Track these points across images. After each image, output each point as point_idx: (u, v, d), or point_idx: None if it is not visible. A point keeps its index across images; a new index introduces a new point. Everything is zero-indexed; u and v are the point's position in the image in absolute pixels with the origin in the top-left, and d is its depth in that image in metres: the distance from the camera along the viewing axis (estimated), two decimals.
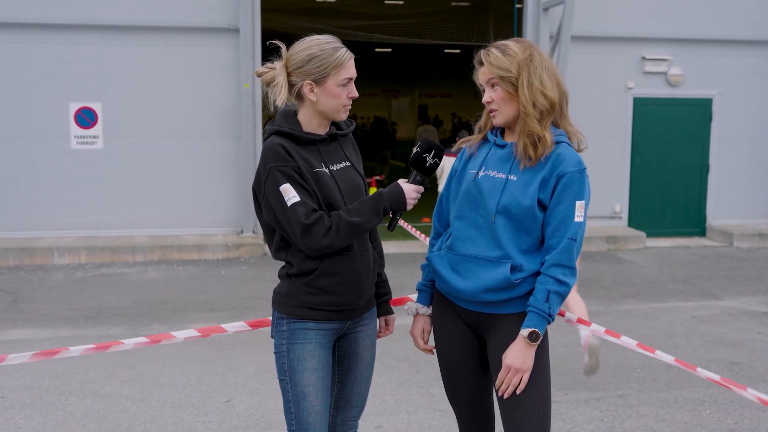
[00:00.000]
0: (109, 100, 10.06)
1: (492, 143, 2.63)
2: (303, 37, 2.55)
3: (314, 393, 2.52)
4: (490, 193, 2.52)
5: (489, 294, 2.50)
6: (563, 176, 2.45)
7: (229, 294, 7.74)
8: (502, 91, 2.52)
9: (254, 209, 2.61)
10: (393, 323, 2.89)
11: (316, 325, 2.53)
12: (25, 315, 6.89)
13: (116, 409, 4.61)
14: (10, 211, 9.94)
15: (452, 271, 2.58)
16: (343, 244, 2.45)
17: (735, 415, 4.56)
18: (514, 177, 2.50)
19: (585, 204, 2.48)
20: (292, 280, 2.54)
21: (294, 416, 2.53)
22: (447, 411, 4.56)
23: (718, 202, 11.68)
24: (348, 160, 2.63)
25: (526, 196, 2.47)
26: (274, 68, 2.53)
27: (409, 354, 5.63)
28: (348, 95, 2.52)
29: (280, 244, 2.56)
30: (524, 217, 2.47)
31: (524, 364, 2.45)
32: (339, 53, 2.48)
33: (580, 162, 2.49)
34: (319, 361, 2.53)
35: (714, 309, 7.25)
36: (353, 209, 2.47)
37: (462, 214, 2.60)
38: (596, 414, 4.56)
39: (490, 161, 2.58)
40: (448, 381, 2.75)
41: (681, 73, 11.30)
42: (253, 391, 4.91)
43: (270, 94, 2.55)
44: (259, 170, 2.49)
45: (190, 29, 10.12)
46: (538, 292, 2.45)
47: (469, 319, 2.62)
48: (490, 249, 2.51)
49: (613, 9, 11.07)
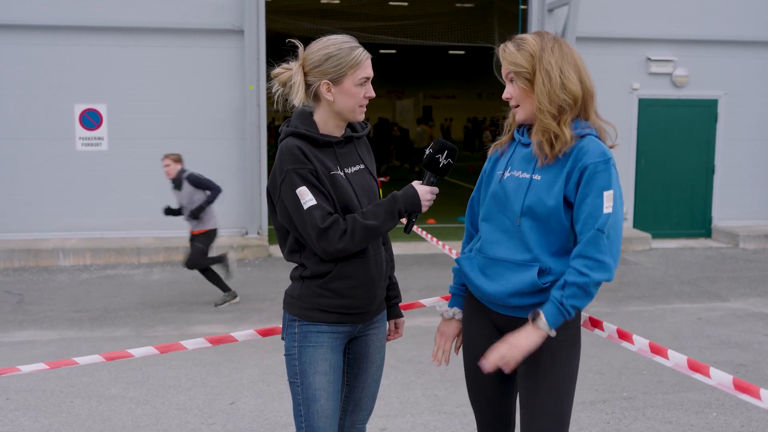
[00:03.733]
0: (113, 102, 10.08)
1: (517, 142, 2.56)
2: (319, 37, 2.53)
3: (325, 396, 2.51)
4: (514, 194, 2.45)
5: (516, 298, 2.43)
6: (586, 168, 2.33)
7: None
8: (518, 87, 2.46)
9: (268, 210, 2.59)
10: (402, 327, 2.87)
11: (328, 328, 2.51)
12: (30, 316, 6.90)
13: (121, 411, 4.61)
14: (15, 212, 9.97)
15: (481, 274, 2.53)
16: (358, 247, 2.44)
17: (742, 417, 4.54)
18: (538, 177, 2.41)
19: (615, 194, 2.33)
20: (305, 282, 2.52)
21: (304, 419, 2.53)
22: (452, 413, 4.55)
23: (724, 203, 11.64)
24: (362, 163, 2.62)
25: (550, 196, 2.38)
26: (290, 68, 2.52)
27: (414, 356, 5.61)
28: (365, 95, 2.51)
29: (294, 246, 2.54)
30: (550, 217, 2.38)
31: (519, 344, 2.33)
32: (356, 53, 2.47)
33: (605, 152, 2.36)
34: (330, 364, 2.52)
35: (720, 311, 7.22)
36: (368, 212, 2.45)
37: (489, 216, 2.55)
38: (602, 417, 4.54)
39: (515, 161, 2.52)
40: (472, 383, 2.68)
41: (686, 74, 11.27)
42: (258, 393, 4.90)
43: (275, 96, 2.54)
44: (274, 172, 2.47)
45: (194, 31, 10.14)
46: (558, 282, 2.36)
47: (499, 322, 2.56)
48: (518, 252, 2.44)
49: (618, 10, 11.05)
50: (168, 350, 3.04)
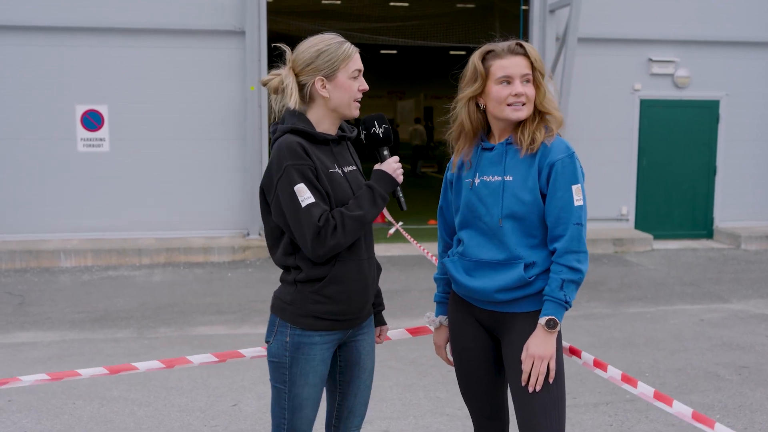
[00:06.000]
0: (115, 103, 10.07)
1: (479, 147, 2.62)
2: (306, 39, 2.55)
3: (310, 405, 2.54)
4: (491, 198, 2.53)
5: (502, 293, 2.51)
6: (554, 164, 2.46)
7: (235, 296, 7.73)
8: (532, 86, 2.53)
9: (260, 211, 2.55)
10: (386, 333, 2.89)
11: (320, 339, 2.50)
12: (31, 318, 6.89)
13: (123, 413, 4.60)
14: (16, 213, 9.96)
15: (466, 274, 2.60)
16: (349, 240, 2.42)
17: (745, 420, 4.53)
18: (510, 177, 2.51)
19: (581, 187, 2.49)
20: (299, 287, 2.49)
21: (287, 422, 2.55)
22: (454, 415, 4.54)
23: (726, 204, 11.63)
24: (354, 164, 2.63)
25: (525, 191, 2.48)
26: (279, 74, 2.52)
27: (415, 357, 5.61)
28: (359, 88, 2.52)
29: (289, 248, 2.50)
30: (530, 213, 2.48)
31: (547, 351, 2.46)
32: (345, 46, 2.50)
33: (568, 147, 2.51)
34: (320, 376, 2.53)
35: (722, 312, 7.21)
36: (352, 205, 2.45)
37: (467, 223, 2.61)
38: (605, 419, 4.53)
39: (483, 166, 2.58)
40: (463, 380, 2.75)
41: (688, 74, 11.26)
42: (260, 395, 4.90)
43: (274, 102, 2.53)
44: (270, 168, 2.43)
45: (196, 32, 10.13)
46: (553, 281, 2.46)
47: (484, 319, 2.63)
48: (501, 251, 2.52)
49: (620, 10, 11.04)
50: (172, 365, 3.02)
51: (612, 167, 11.00)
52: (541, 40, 10.78)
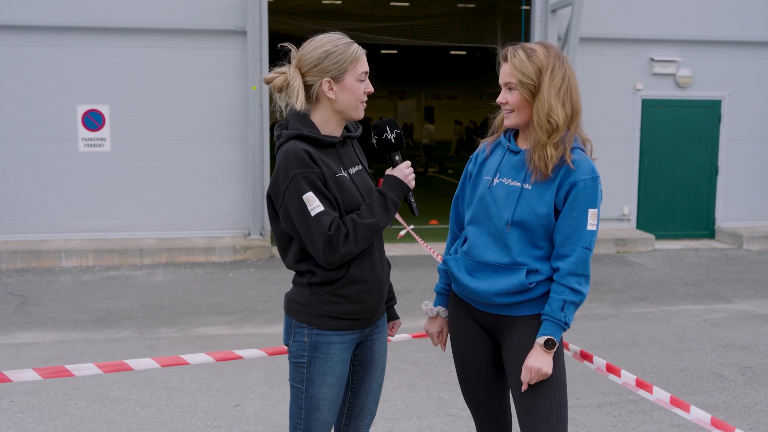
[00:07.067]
0: (116, 103, 10.06)
1: (506, 148, 2.60)
2: (311, 38, 2.51)
3: (327, 406, 2.52)
4: (504, 201, 2.51)
5: (502, 297, 2.51)
6: (576, 184, 2.43)
7: (237, 297, 7.71)
8: (520, 96, 2.49)
9: (269, 217, 2.53)
10: (398, 328, 2.89)
11: (338, 339, 2.49)
12: (33, 318, 6.88)
13: (125, 414, 4.59)
14: (17, 213, 9.95)
15: (468, 274, 2.59)
16: (361, 247, 2.41)
17: (750, 420, 4.51)
18: (528, 186, 2.49)
19: (597, 212, 2.47)
20: (314, 289, 2.47)
21: (303, 423, 2.53)
22: (458, 416, 4.53)
23: (727, 204, 11.62)
24: (360, 164, 2.61)
25: (542, 204, 2.46)
26: (283, 72, 2.47)
27: (418, 358, 5.59)
28: (365, 90, 2.50)
29: (299, 255, 2.48)
30: (539, 225, 2.47)
31: (544, 369, 2.46)
32: (353, 48, 2.47)
33: (594, 170, 2.47)
34: (337, 376, 2.51)
35: (725, 312, 7.20)
36: (364, 212, 2.43)
37: (477, 220, 2.60)
38: (609, 419, 4.52)
39: (505, 168, 2.56)
40: (464, 383, 2.75)
41: (690, 74, 11.25)
42: (263, 396, 4.88)
43: (279, 100, 2.48)
44: (277, 177, 2.39)
45: (197, 32, 10.12)
46: (554, 302, 2.45)
47: (483, 321, 2.63)
48: (506, 255, 2.51)
49: (622, 10, 11.02)
50: (169, 364, 3.00)
51: (614, 167, 10.98)
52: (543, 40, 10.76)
